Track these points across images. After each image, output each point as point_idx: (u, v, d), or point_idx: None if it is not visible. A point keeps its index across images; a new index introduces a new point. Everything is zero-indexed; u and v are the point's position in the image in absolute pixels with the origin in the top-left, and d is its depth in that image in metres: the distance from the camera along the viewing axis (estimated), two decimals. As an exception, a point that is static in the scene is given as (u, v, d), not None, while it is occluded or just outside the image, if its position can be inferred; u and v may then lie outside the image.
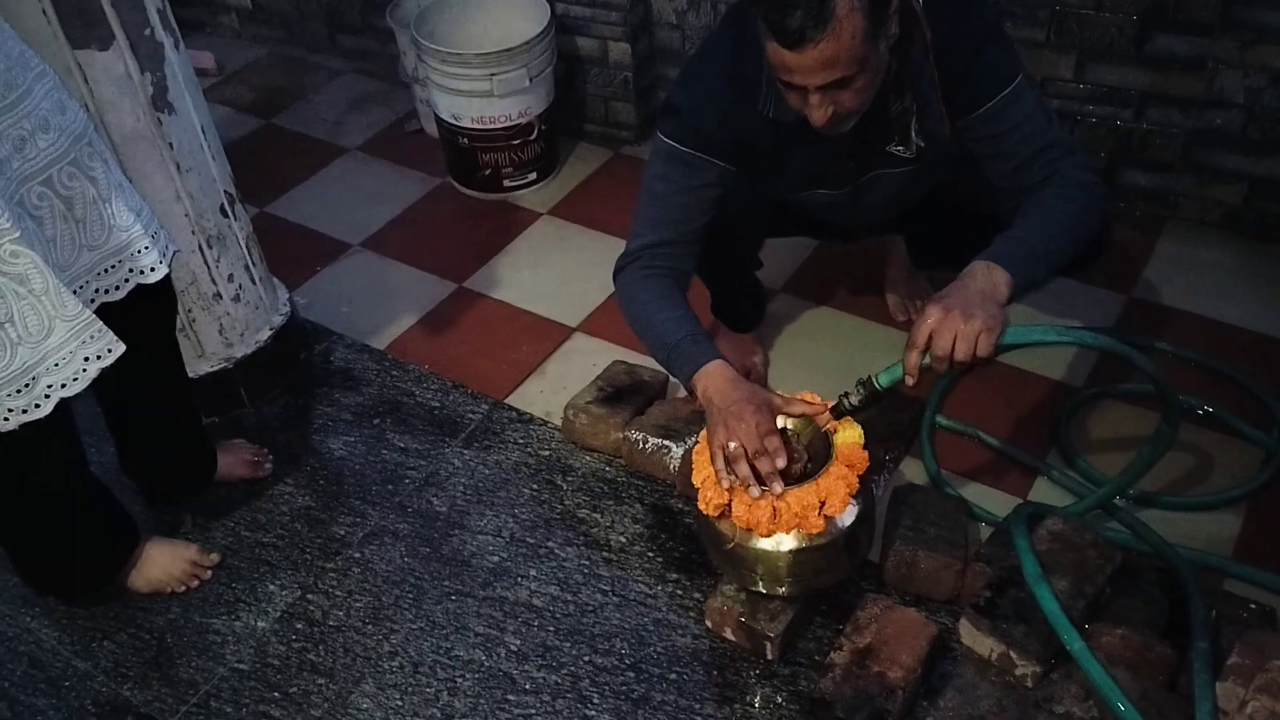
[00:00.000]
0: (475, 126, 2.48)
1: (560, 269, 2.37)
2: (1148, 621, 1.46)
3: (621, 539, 1.77)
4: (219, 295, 1.93)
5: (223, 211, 1.88)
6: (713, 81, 1.52)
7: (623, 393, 1.93)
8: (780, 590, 1.50)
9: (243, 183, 1.97)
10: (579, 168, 2.68)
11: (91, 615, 1.72)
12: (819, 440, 1.51)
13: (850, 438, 1.48)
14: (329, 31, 3.16)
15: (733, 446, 1.44)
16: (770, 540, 1.45)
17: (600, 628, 1.63)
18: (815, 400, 1.53)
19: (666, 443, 1.81)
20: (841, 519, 1.45)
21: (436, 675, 1.60)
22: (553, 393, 2.05)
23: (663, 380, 1.97)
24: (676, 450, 1.80)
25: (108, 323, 1.36)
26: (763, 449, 1.43)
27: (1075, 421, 1.87)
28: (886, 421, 1.82)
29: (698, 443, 1.55)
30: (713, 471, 1.47)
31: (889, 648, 1.48)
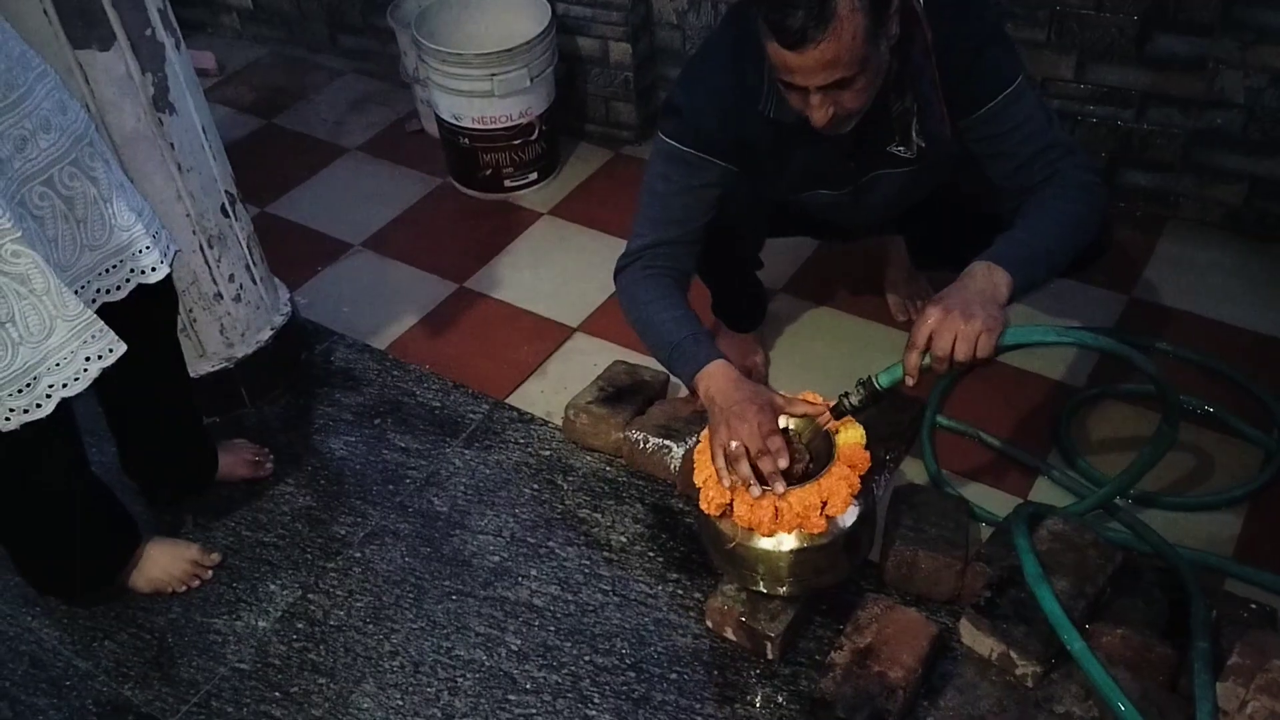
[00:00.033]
0: (476, 126, 2.48)
1: (561, 269, 2.37)
2: (1148, 621, 1.46)
3: (622, 539, 1.77)
4: (220, 295, 1.93)
5: (224, 211, 1.88)
6: (714, 81, 1.52)
7: (623, 393, 1.93)
8: (781, 590, 1.50)
9: (244, 183, 1.97)
10: (580, 168, 2.68)
11: (92, 615, 1.72)
12: (821, 440, 1.51)
13: (852, 438, 1.48)
14: (330, 31, 3.16)
15: (734, 446, 1.44)
16: (771, 540, 1.45)
17: (601, 627, 1.64)
18: (817, 400, 1.53)
19: (667, 443, 1.81)
20: (843, 519, 1.45)
21: (437, 675, 1.60)
22: (553, 393, 2.05)
23: (663, 380, 1.97)
24: (677, 450, 1.80)
25: (109, 323, 1.36)
26: (765, 449, 1.43)
27: (1075, 422, 1.87)
28: (887, 421, 1.83)
29: (699, 443, 1.55)
30: (714, 471, 1.47)
31: (889, 647, 1.48)
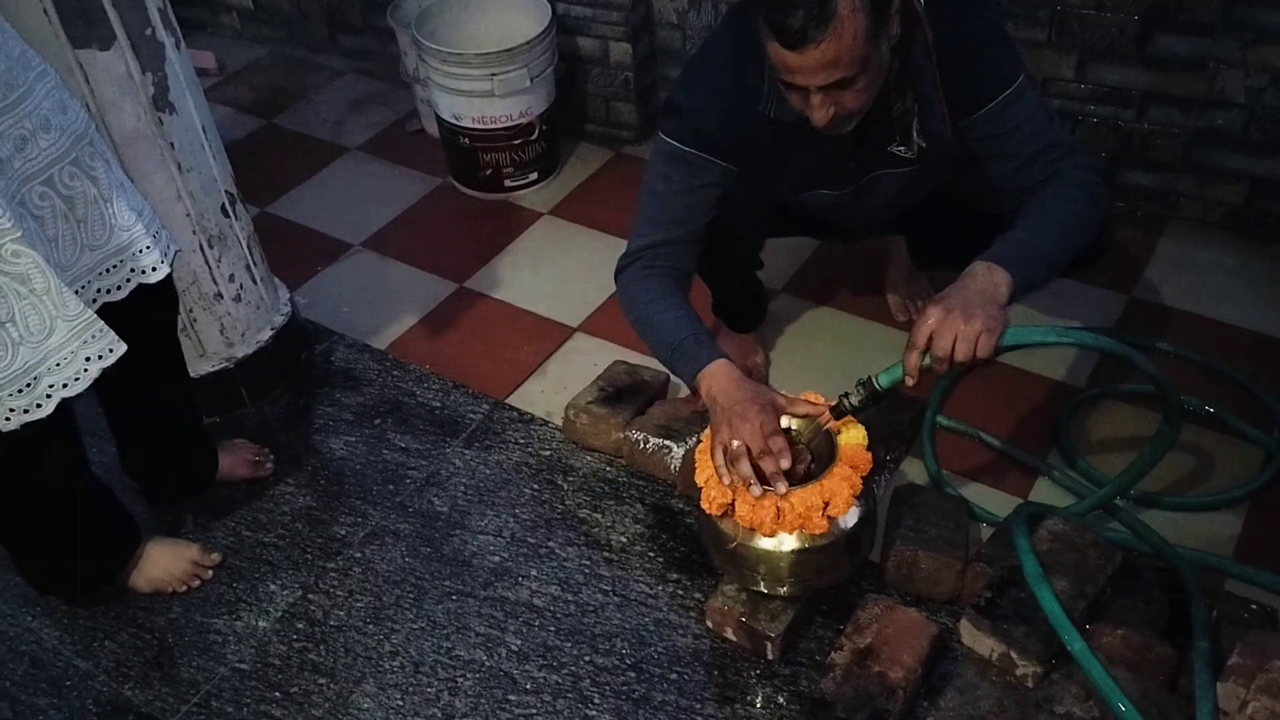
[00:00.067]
0: (476, 126, 2.48)
1: (561, 269, 2.37)
2: (1148, 622, 1.46)
3: (622, 539, 1.77)
4: (220, 295, 1.93)
5: (224, 211, 1.88)
6: (714, 81, 1.52)
7: (623, 393, 1.93)
8: (781, 590, 1.50)
9: (244, 183, 1.97)
10: (580, 168, 2.68)
11: (93, 615, 1.72)
12: (822, 441, 1.51)
13: (854, 439, 1.48)
14: (330, 31, 3.16)
15: (735, 445, 1.44)
16: (772, 540, 1.45)
17: (601, 628, 1.64)
18: (819, 401, 1.53)
19: (667, 443, 1.81)
20: (844, 520, 1.45)
21: (437, 675, 1.60)
22: (553, 393, 2.05)
23: (663, 380, 1.97)
24: (677, 450, 1.80)
25: (109, 323, 1.36)
26: (767, 449, 1.43)
27: (1076, 422, 1.87)
28: (887, 422, 1.82)
29: (699, 442, 1.55)
30: (716, 470, 1.47)
31: (890, 648, 1.48)
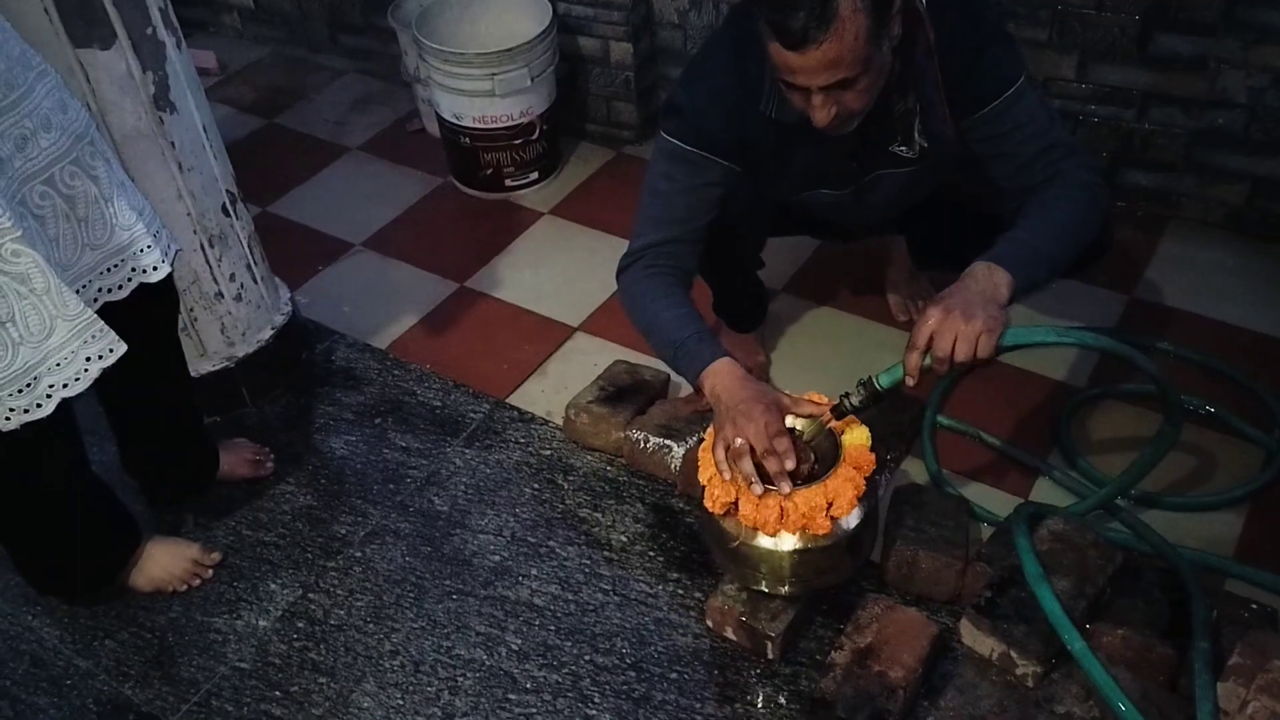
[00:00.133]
0: (477, 126, 2.48)
1: (562, 269, 2.37)
2: (1149, 622, 1.46)
3: (623, 538, 1.77)
4: (221, 294, 1.93)
5: (224, 211, 1.88)
6: (715, 81, 1.52)
7: (624, 392, 1.93)
8: (782, 590, 1.50)
9: (245, 182, 1.97)
10: (581, 167, 2.68)
11: (93, 614, 1.72)
12: (825, 441, 1.51)
13: (858, 439, 1.48)
14: (330, 31, 3.16)
15: (739, 443, 1.44)
16: (774, 539, 1.44)
17: (601, 627, 1.64)
18: (822, 400, 1.53)
19: (668, 442, 1.81)
20: (847, 520, 1.45)
21: (437, 674, 1.60)
22: (554, 392, 2.05)
23: (664, 380, 1.97)
24: (678, 450, 1.80)
25: (110, 322, 1.36)
26: (772, 449, 1.42)
27: (1076, 422, 1.87)
28: (887, 421, 1.82)
29: (701, 441, 1.55)
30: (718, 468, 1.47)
31: (890, 647, 1.48)
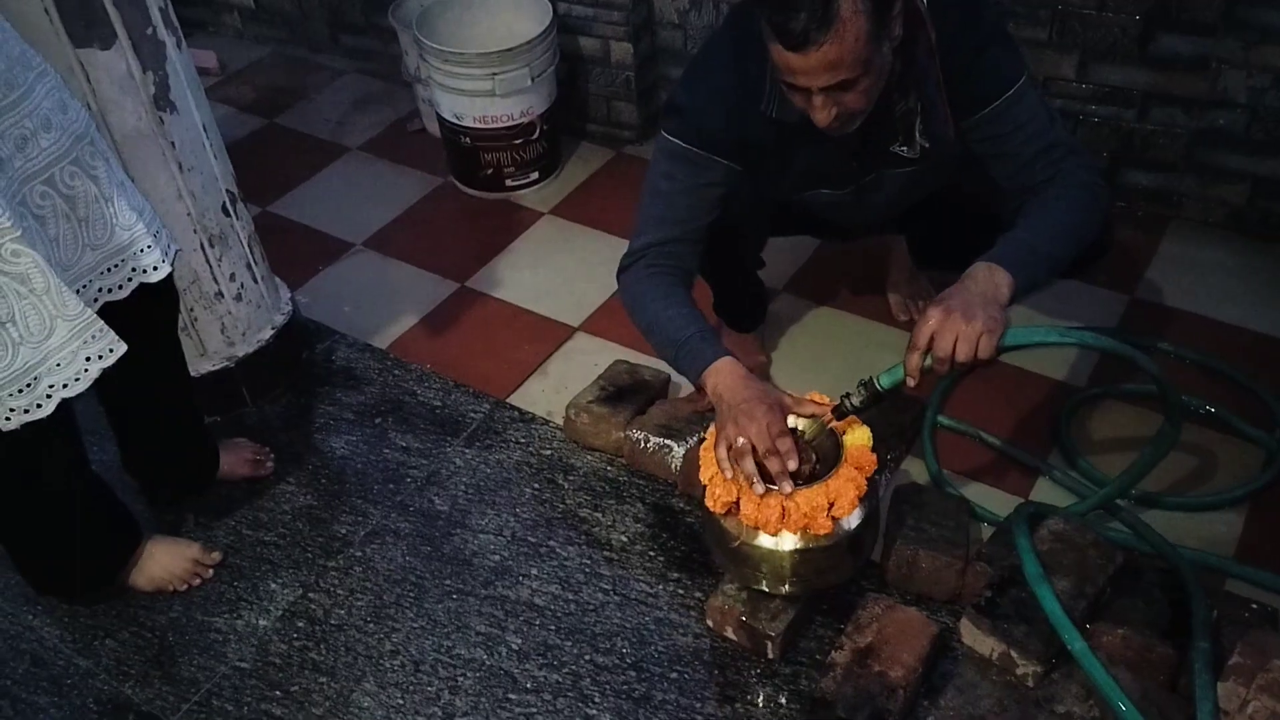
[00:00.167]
0: (477, 126, 2.48)
1: (562, 269, 2.37)
2: (1149, 622, 1.46)
3: (623, 538, 1.77)
4: (221, 294, 1.93)
5: (225, 210, 1.88)
6: (716, 81, 1.52)
7: (624, 392, 1.93)
8: (783, 589, 1.50)
9: (245, 182, 1.97)
10: (581, 167, 2.68)
11: (93, 613, 1.72)
12: (827, 441, 1.51)
13: (859, 439, 1.48)
14: (331, 31, 3.16)
15: (741, 443, 1.43)
16: (775, 539, 1.44)
17: (601, 627, 1.64)
18: (824, 401, 1.53)
19: (668, 442, 1.81)
20: (848, 520, 1.45)
21: (438, 674, 1.60)
22: (554, 392, 2.05)
23: (664, 380, 1.97)
24: (678, 450, 1.80)
25: (110, 322, 1.36)
26: (774, 449, 1.42)
27: (1076, 422, 1.87)
28: (888, 422, 1.82)
29: (702, 441, 1.55)
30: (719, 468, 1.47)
31: (890, 647, 1.48)
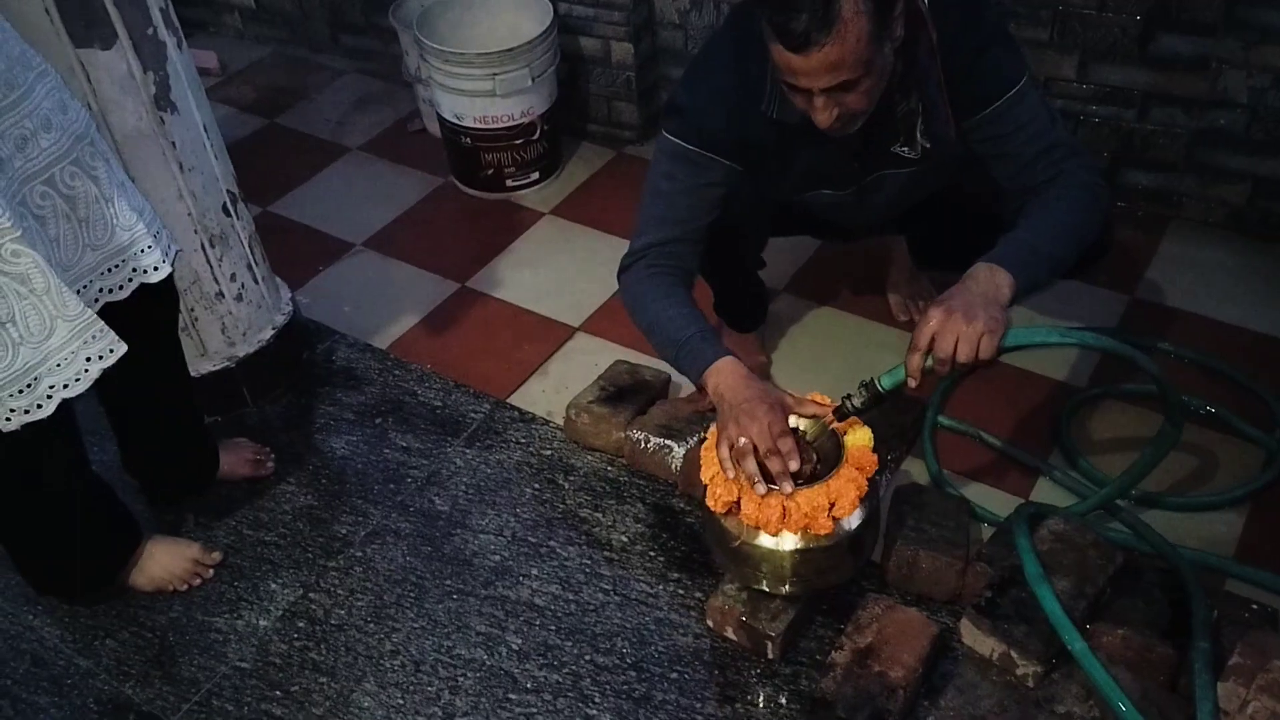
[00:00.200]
0: (478, 126, 2.48)
1: (562, 269, 2.37)
2: (1149, 622, 1.46)
3: (623, 538, 1.77)
4: (221, 294, 1.93)
5: (225, 211, 1.89)
6: (717, 81, 1.52)
7: (625, 392, 1.93)
8: (783, 589, 1.50)
9: (245, 182, 1.97)
10: (581, 168, 2.69)
11: (94, 613, 1.72)
12: (828, 441, 1.51)
13: (860, 440, 1.48)
14: (332, 31, 3.16)
15: (742, 442, 1.43)
16: (776, 539, 1.44)
17: (602, 627, 1.64)
18: (825, 401, 1.53)
19: (668, 442, 1.81)
20: (849, 520, 1.45)
21: (438, 674, 1.60)
22: (555, 392, 2.05)
23: (664, 380, 1.97)
24: (678, 450, 1.80)
25: (110, 322, 1.36)
26: (775, 449, 1.42)
27: (1077, 422, 1.87)
28: (889, 422, 1.82)
29: (704, 440, 1.55)
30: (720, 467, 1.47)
31: (890, 647, 1.48)
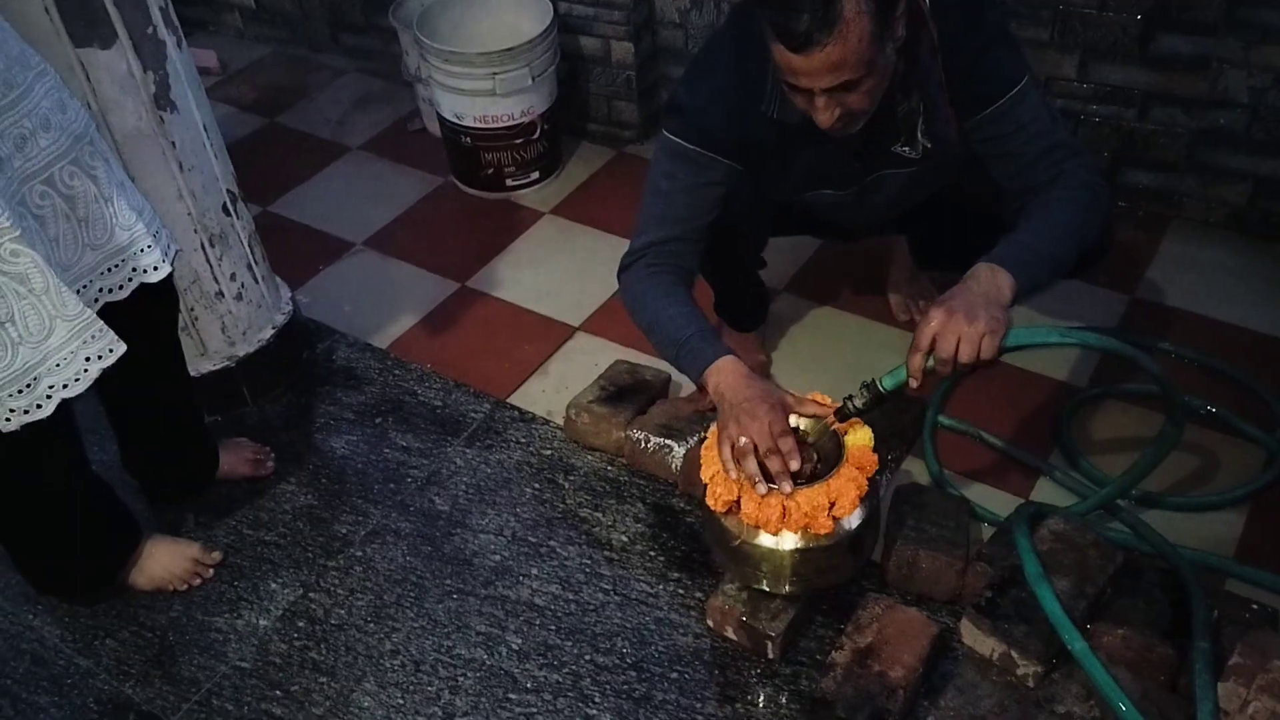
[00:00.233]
0: (478, 126, 2.48)
1: (562, 268, 2.37)
2: (1149, 622, 1.46)
3: (623, 538, 1.77)
4: (221, 294, 1.93)
5: (225, 210, 1.88)
6: (717, 80, 1.52)
7: (625, 392, 1.93)
8: (783, 589, 1.50)
9: (245, 182, 1.97)
10: (581, 167, 2.68)
11: (94, 613, 1.72)
12: (828, 440, 1.51)
13: (861, 439, 1.48)
14: (332, 31, 3.16)
15: (743, 442, 1.43)
16: (776, 538, 1.44)
17: (602, 627, 1.64)
18: (825, 401, 1.53)
19: (668, 442, 1.81)
20: (849, 520, 1.44)
21: (438, 674, 1.60)
22: (555, 392, 2.05)
23: (665, 380, 1.97)
24: (678, 449, 1.80)
25: (110, 322, 1.36)
26: (775, 448, 1.42)
27: (1077, 422, 1.87)
28: (889, 422, 1.82)
29: (704, 439, 1.55)
30: (721, 467, 1.47)
31: (890, 647, 1.48)
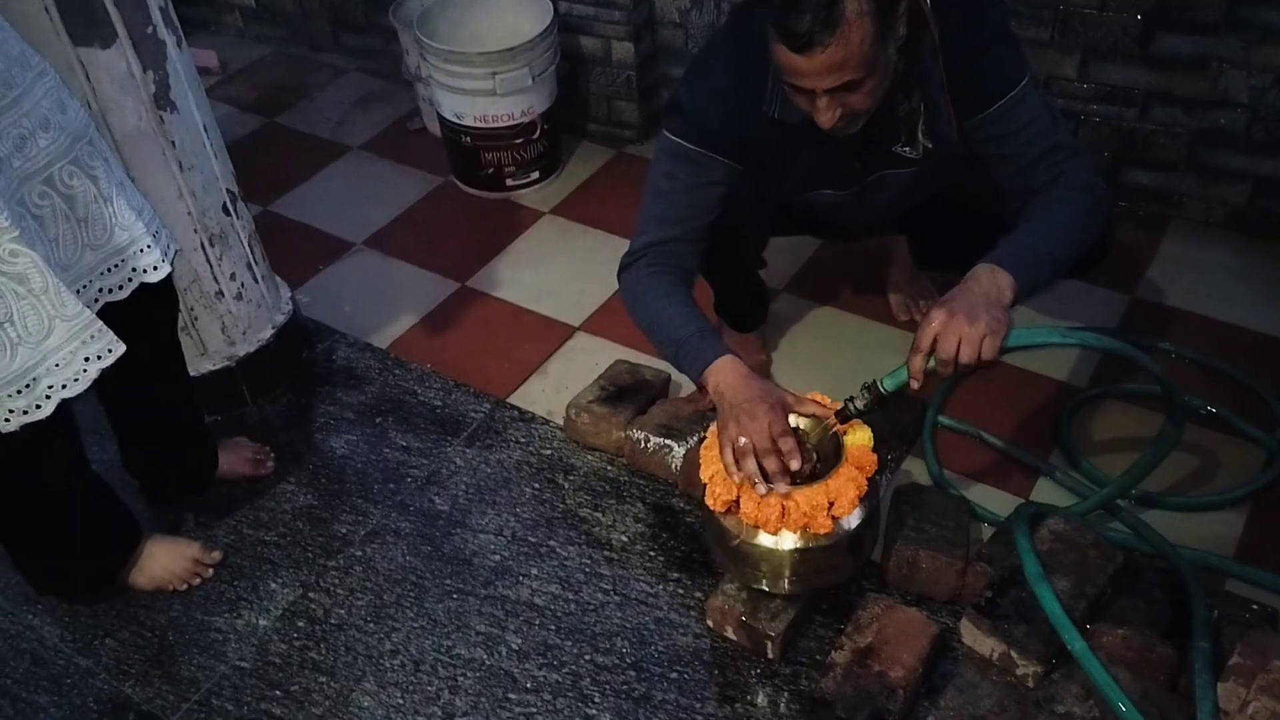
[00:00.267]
0: (478, 125, 2.48)
1: (562, 268, 2.37)
2: (1149, 622, 1.46)
3: (623, 538, 1.77)
4: (221, 294, 1.93)
5: (225, 210, 1.88)
6: (718, 80, 1.52)
7: (625, 392, 1.93)
8: (783, 589, 1.50)
9: (245, 181, 1.97)
10: (582, 167, 2.68)
11: (93, 613, 1.72)
12: (828, 440, 1.51)
13: (860, 439, 1.48)
14: (332, 30, 3.16)
15: (743, 442, 1.43)
16: (775, 538, 1.44)
17: (601, 626, 1.64)
18: (826, 401, 1.53)
19: (668, 442, 1.81)
20: (848, 520, 1.45)
21: (438, 674, 1.60)
22: (555, 392, 2.05)
23: (665, 379, 1.97)
24: (678, 449, 1.80)
25: (110, 322, 1.36)
26: (774, 448, 1.42)
27: (1077, 422, 1.87)
28: (889, 422, 1.82)
29: (704, 439, 1.55)
30: (721, 467, 1.47)
31: (890, 647, 1.48)
